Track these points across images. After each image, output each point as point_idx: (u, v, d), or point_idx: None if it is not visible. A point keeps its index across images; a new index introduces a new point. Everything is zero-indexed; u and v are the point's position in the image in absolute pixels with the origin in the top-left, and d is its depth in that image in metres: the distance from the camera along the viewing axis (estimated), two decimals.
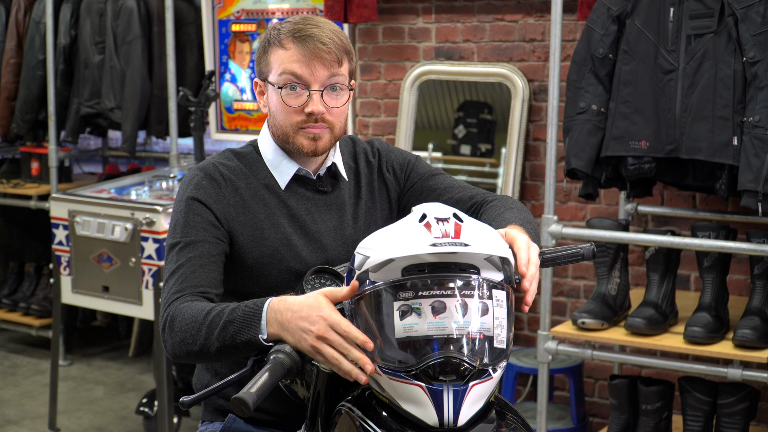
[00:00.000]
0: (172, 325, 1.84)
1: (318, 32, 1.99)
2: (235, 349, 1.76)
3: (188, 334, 1.81)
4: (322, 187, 2.11)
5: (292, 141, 2.04)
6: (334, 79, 2.00)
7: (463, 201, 2.12)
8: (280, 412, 2.06)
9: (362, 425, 1.65)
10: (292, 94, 2.00)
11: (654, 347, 3.26)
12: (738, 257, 3.65)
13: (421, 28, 4.39)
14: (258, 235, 2.02)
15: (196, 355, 1.82)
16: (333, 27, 2.03)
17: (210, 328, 1.77)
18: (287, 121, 2.02)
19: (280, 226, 2.04)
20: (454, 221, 1.65)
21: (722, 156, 3.10)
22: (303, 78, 1.98)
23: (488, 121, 4.30)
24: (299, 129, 2.02)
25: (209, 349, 1.78)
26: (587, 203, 4.04)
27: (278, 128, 2.05)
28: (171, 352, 1.85)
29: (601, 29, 3.28)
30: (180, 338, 1.82)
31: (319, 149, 2.04)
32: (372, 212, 2.16)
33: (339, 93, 2.02)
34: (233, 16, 4.85)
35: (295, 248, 2.03)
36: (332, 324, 1.64)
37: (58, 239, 4.27)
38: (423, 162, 2.23)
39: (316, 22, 2.02)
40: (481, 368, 1.60)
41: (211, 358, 1.81)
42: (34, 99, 5.36)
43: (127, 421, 4.58)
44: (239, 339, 1.74)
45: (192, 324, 1.80)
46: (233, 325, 1.74)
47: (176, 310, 1.85)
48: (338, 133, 2.06)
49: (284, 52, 2.00)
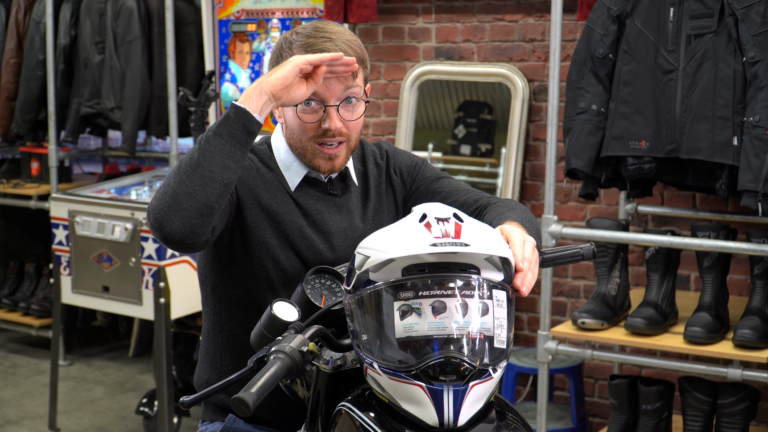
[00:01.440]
0: (164, 195, 1.78)
1: (331, 46, 1.97)
2: (221, 151, 1.78)
3: (188, 177, 1.76)
4: (332, 190, 2.11)
5: (309, 159, 2.04)
6: (349, 92, 1.99)
7: (468, 204, 2.12)
8: (280, 412, 2.06)
9: (362, 425, 1.65)
10: (308, 110, 1.99)
11: (654, 347, 3.26)
12: (738, 257, 3.65)
13: (421, 28, 4.39)
14: (273, 217, 2.02)
15: (174, 200, 1.75)
16: (346, 37, 2.01)
17: (187, 156, 1.79)
18: (304, 136, 2.02)
19: (294, 215, 2.04)
20: (455, 221, 1.65)
21: (722, 156, 3.10)
22: (318, 94, 1.97)
23: (488, 121, 4.31)
24: (316, 147, 2.01)
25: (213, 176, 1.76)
26: (587, 203, 4.04)
27: (296, 142, 2.05)
28: (172, 225, 1.76)
29: (601, 29, 3.28)
30: (157, 194, 1.78)
31: (336, 167, 2.05)
32: (379, 214, 2.16)
33: (355, 105, 2.01)
34: (233, 16, 4.85)
35: (308, 239, 2.04)
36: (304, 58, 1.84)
37: (58, 239, 4.27)
38: (429, 165, 2.23)
39: (328, 34, 2.00)
40: (481, 368, 1.60)
41: (216, 185, 1.77)
42: (34, 99, 5.36)
43: (127, 421, 4.58)
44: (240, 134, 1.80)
45: (183, 168, 1.78)
46: (210, 134, 1.79)
47: (159, 188, 1.82)
48: (354, 144, 2.06)
49: None
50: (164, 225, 1.77)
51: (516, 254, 1.73)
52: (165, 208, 1.77)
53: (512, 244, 1.75)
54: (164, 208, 1.77)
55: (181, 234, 1.77)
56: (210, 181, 1.78)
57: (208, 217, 1.79)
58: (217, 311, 2.11)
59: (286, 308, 1.75)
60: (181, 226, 1.77)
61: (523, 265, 1.72)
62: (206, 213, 1.78)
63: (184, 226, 1.77)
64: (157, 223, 1.78)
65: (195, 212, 1.77)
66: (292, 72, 1.86)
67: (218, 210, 1.80)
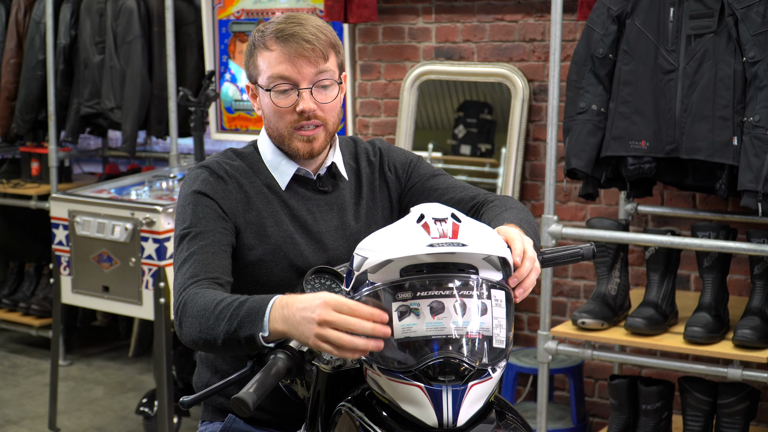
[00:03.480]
0: (185, 310, 1.82)
1: (300, 30, 1.99)
2: (238, 344, 1.73)
3: (199, 321, 1.79)
4: (322, 187, 2.11)
5: (287, 144, 2.04)
6: (321, 75, 2.00)
7: (465, 201, 2.11)
8: (280, 412, 2.06)
9: (362, 425, 1.66)
10: (281, 95, 2.00)
11: (654, 347, 3.26)
12: (738, 257, 3.65)
13: (421, 28, 4.39)
14: (261, 232, 2.02)
15: (205, 344, 1.80)
16: (316, 22, 2.03)
17: (218, 319, 1.75)
18: (281, 122, 2.02)
19: (282, 224, 2.04)
20: (452, 221, 1.65)
21: (722, 156, 3.10)
22: (290, 78, 1.98)
23: (488, 121, 4.30)
24: (293, 131, 2.02)
25: (216, 341, 1.76)
26: (587, 203, 4.04)
27: (273, 130, 2.06)
28: (183, 338, 1.84)
29: (601, 29, 3.28)
30: (191, 325, 1.80)
31: (315, 150, 2.04)
32: (373, 212, 2.16)
33: (328, 88, 2.02)
34: (233, 16, 4.85)
35: (297, 246, 2.03)
36: (334, 305, 1.59)
37: (58, 239, 4.27)
38: (425, 162, 2.23)
39: (298, 19, 2.01)
40: (481, 368, 1.60)
41: (218, 350, 1.79)
42: (34, 99, 5.36)
43: (127, 421, 4.58)
44: (241, 334, 1.70)
45: (203, 312, 1.78)
46: (237, 319, 1.71)
47: (189, 295, 1.83)
48: (332, 129, 2.06)
49: (269, 53, 2.00)
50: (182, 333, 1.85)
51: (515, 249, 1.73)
52: (189, 342, 1.83)
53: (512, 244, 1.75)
54: (189, 341, 1.83)
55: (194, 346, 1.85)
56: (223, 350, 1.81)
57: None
58: None
59: None
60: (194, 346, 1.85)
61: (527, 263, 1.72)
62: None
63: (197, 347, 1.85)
64: (183, 339, 1.86)
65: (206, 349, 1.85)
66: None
67: None
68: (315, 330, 1.59)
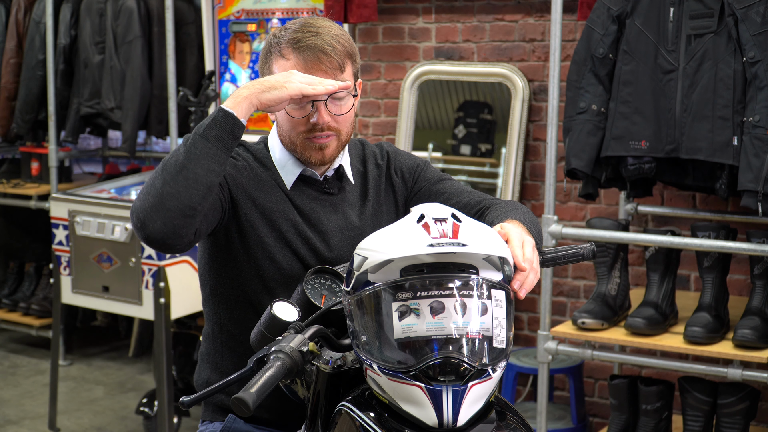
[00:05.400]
0: (135, 203, 1.81)
1: (317, 41, 1.97)
2: (206, 153, 1.79)
3: (152, 182, 1.79)
4: (328, 188, 2.11)
5: (299, 152, 2.04)
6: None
7: (471, 206, 2.12)
8: (280, 412, 2.07)
9: (362, 425, 1.65)
10: (296, 106, 1.99)
11: (654, 347, 3.26)
12: (738, 257, 3.65)
13: (421, 28, 4.39)
14: (268, 216, 2.03)
15: (158, 201, 1.76)
16: (334, 31, 2.01)
17: (172, 156, 1.79)
18: (293, 131, 2.03)
19: (288, 213, 2.05)
20: (452, 221, 1.65)
21: (722, 156, 3.10)
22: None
23: (488, 121, 4.31)
24: (306, 140, 2.02)
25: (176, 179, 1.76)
26: (587, 203, 4.04)
27: (285, 137, 2.06)
28: (148, 229, 1.77)
29: (601, 29, 3.28)
30: (145, 197, 1.79)
31: (327, 158, 2.05)
32: (378, 214, 2.16)
33: (343, 100, 2.01)
34: (233, 16, 4.85)
35: (304, 236, 2.04)
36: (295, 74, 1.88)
37: (58, 239, 4.27)
38: (431, 167, 2.23)
39: (315, 28, 2.00)
40: (481, 368, 1.60)
41: (180, 197, 1.76)
42: (34, 99, 5.36)
43: (127, 421, 4.58)
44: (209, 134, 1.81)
45: (153, 175, 1.80)
46: (194, 134, 1.80)
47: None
48: (345, 138, 2.06)
49: (285, 62, 1.99)
50: (147, 225, 1.78)
51: (516, 255, 1.73)
52: (148, 208, 1.78)
53: (512, 245, 1.75)
54: (147, 208, 1.78)
55: (163, 234, 1.78)
56: (194, 183, 1.79)
57: (190, 218, 1.80)
58: (216, 312, 2.11)
59: (286, 308, 1.75)
60: (163, 227, 1.78)
61: (525, 265, 1.72)
62: (189, 214, 1.79)
63: (166, 227, 1.78)
64: (139, 223, 1.79)
65: (178, 213, 1.78)
66: (282, 98, 1.88)
67: (201, 212, 1.81)
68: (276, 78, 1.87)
